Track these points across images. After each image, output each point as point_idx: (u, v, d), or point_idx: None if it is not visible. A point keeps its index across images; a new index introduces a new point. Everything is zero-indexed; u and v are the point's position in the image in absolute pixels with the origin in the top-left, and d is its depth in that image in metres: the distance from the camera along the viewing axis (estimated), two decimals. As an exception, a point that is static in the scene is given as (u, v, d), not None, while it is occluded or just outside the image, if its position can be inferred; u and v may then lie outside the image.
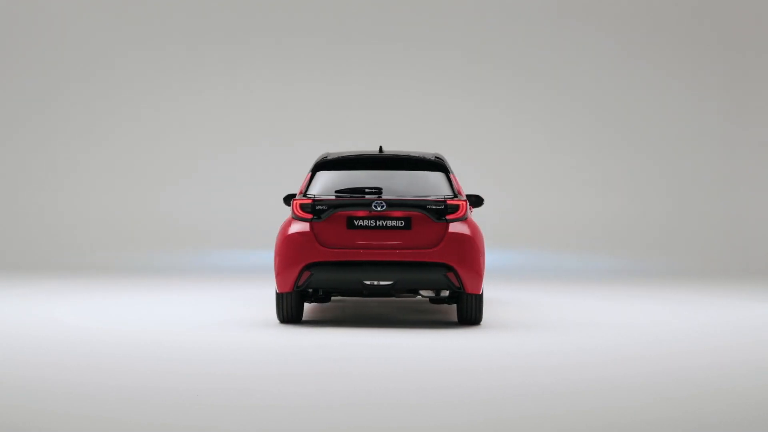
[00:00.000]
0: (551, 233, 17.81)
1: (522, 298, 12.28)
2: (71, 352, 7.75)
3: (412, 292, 9.41)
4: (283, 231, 9.34)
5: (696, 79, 19.23)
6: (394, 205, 9.11)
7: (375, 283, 9.11)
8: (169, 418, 5.47)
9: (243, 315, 10.26)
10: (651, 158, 19.18)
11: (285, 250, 9.17)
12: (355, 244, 9.14)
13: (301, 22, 18.76)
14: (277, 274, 9.23)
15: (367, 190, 9.27)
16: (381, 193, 9.25)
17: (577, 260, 16.88)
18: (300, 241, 9.14)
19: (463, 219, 9.20)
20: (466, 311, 9.27)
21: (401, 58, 18.87)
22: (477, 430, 5.24)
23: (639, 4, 19.21)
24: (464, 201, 9.25)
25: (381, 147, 10.02)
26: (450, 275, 8.98)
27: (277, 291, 9.29)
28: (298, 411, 5.66)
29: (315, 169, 9.66)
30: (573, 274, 15.80)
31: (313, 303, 10.07)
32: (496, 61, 19.04)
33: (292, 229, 9.23)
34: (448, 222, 9.11)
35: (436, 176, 9.50)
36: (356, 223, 9.15)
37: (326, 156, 9.93)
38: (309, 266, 9.08)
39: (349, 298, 11.76)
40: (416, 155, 9.75)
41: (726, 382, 6.67)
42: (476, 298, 9.22)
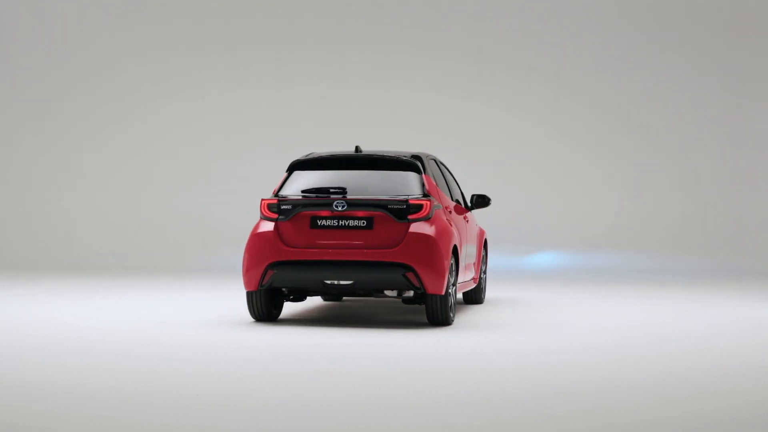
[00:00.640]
0: (552, 233, 17.81)
1: (523, 298, 12.28)
2: (71, 352, 7.75)
3: (378, 292, 9.35)
4: (252, 231, 9.44)
5: (706, 76, 19.20)
6: (355, 205, 9.11)
7: (335, 283, 9.11)
8: (169, 418, 5.47)
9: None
10: (649, 158, 19.17)
11: (250, 250, 9.28)
12: (316, 244, 9.15)
13: (301, 24, 18.75)
14: (243, 273, 9.35)
15: (331, 190, 9.25)
16: (345, 193, 9.20)
17: (578, 260, 16.88)
18: (264, 241, 9.23)
19: (426, 219, 9.08)
20: (432, 312, 9.21)
21: (403, 59, 18.86)
22: (477, 430, 5.24)
23: (646, 2, 19.19)
24: (428, 201, 9.12)
25: (357, 147, 9.90)
26: (409, 275, 8.94)
27: (245, 289, 9.42)
28: (298, 411, 5.66)
29: (290, 169, 9.71)
30: (574, 274, 15.79)
31: (292, 302, 10.02)
32: (506, 60, 19.02)
33: (258, 229, 9.35)
34: (410, 222, 9.05)
35: (408, 176, 9.40)
36: (319, 223, 9.18)
37: (308, 155, 9.90)
38: (272, 265, 9.15)
39: (349, 298, 11.76)
40: (389, 155, 9.64)
41: (726, 382, 6.67)
42: (441, 299, 9.12)
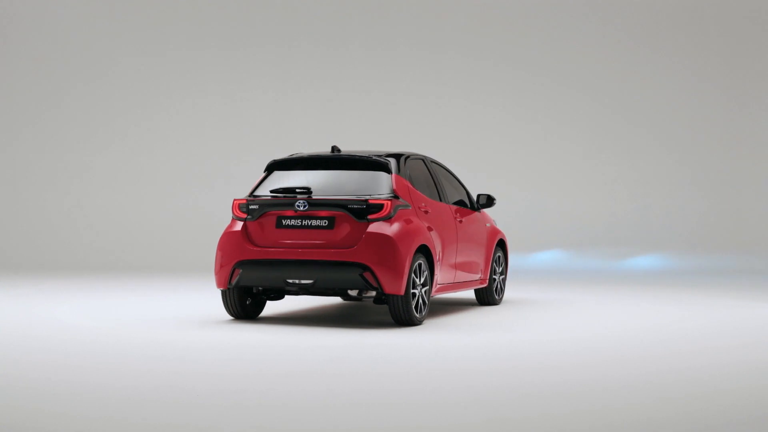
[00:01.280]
0: (554, 233, 17.81)
1: (523, 298, 12.28)
2: (71, 352, 7.75)
3: (341, 292, 9.39)
4: (224, 231, 9.65)
5: (709, 75, 19.22)
6: (316, 204, 9.22)
7: (297, 282, 9.20)
8: (169, 418, 5.47)
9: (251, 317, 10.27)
10: (651, 158, 19.19)
11: (220, 249, 9.49)
12: (281, 243, 9.29)
13: (301, 27, 18.76)
14: (215, 272, 9.55)
15: (297, 190, 9.35)
16: (310, 193, 9.31)
17: (579, 260, 16.88)
18: (232, 240, 9.45)
19: (386, 218, 9.12)
20: (394, 311, 9.25)
21: (402, 60, 18.87)
22: (477, 430, 5.24)
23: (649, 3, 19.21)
24: (389, 200, 9.16)
25: (333, 147, 9.97)
26: (366, 275, 8.99)
27: (217, 288, 9.64)
28: (298, 411, 5.66)
29: (268, 170, 9.87)
30: (574, 274, 15.79)
31: (272, 300, 10.14)
32: (505, 61, 19.04)
33: (228, 229, 9.56)
34: (369, 222, 9.09)
35: (377, 176, 9.46)
36: (284, 223, 9.32)
37: (289, 156, 10.04)
38: (239, 264, 9.36)
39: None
40: (360, 155, 9.70)
41: (726, 382, 6.67)
42: (402, 299, 9.13)
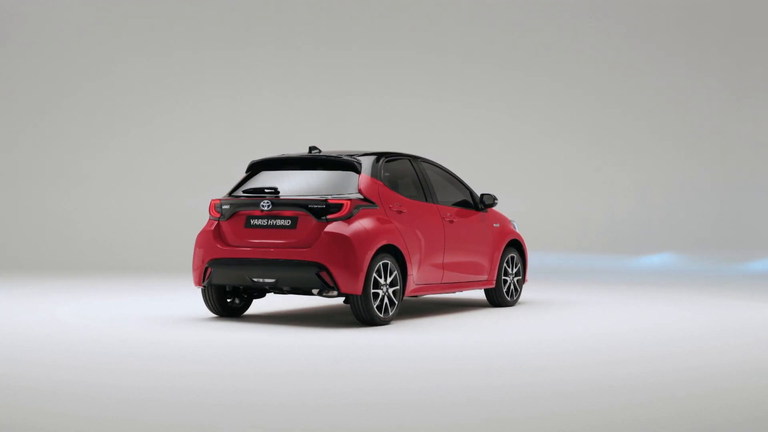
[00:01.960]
0: (555, 234, 17.81)
1: (523, 299, 12.28)
2: (71, 352, 7.75)
3: (305, 290, 9.48)
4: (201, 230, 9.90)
5: (711, 77, 19.22)
6: (279, 204, 9.37)
7: (261, 281, 9.36)
8: (169, 418, 5.47)
9: (243, 315, 10.27)
10: (651, 159, 19.19)
11: (195, 248, 9.81)
12: (247, 243, 9.48)
13: (301, 29, 18.76)
14: (192, 271, 9.80)
15: (266, 190, 9.52)
16: (277, 194, 9.46)
17: (579, 260, 16.88)
18: (205, 240, 9.72)
19: (345, 218, 9.19)
20: (355, 311, 9.32)
21: (401, 62, 18.87)
22: (477, 430, 5.24)
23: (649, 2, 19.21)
24: (348, 200, 9.25)
25: (311, 147, 10.11)
26: (323, 274, 9.08)
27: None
28: (298, 411, 5.66)
29: (249, 170, 10.06)
30: (575, 274, 15.79)
31: (256, 298, 10.34)
32: (505, 62, 19.04)
33: (204, 228, 9.83)
34: (328, 221, 9.18)
35: (346, 175, 9.57)
36: (252, 222, 9.51)
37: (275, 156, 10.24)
38: (210, 263, 9.59)
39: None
40: (331, 156, 9.81)
41: (726, 382, 6.67)
42: (361, 299, 9.18)
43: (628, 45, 19.20)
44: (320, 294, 9.34)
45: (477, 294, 12.56)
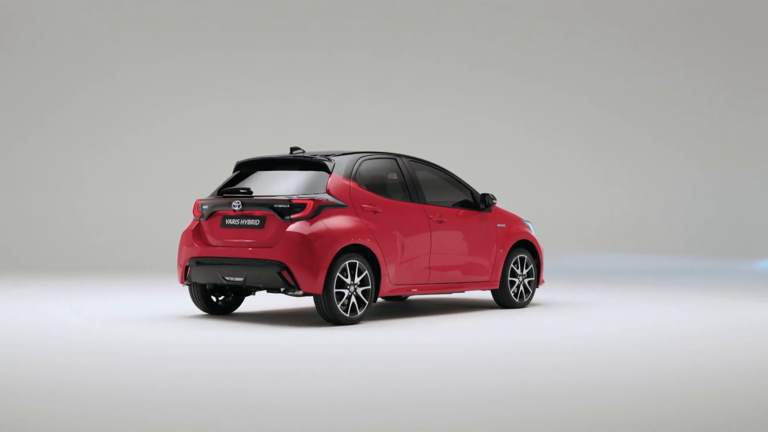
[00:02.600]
0: (556, 234, 17.82)
1: (537, 300, 12.26)
2: (71, 352, 7.75)
3: (273, 289, 9.59)
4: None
5: (710, 77, 19.23)
6: (248, 204, 9.53)
7: (231, 279, 9.53)
8: (169, 418, 5.47)
9: (243, 315, 10.28)
10: (650, 160, 19.19)
11: (179, 247, 10.03)
12: (221, 242, 9.67)
13: (301, 31, 18.76)
14: (177, 269, 9.99)
15: (242, 191, 9.70)
16: (251, 194, 9.62)
17: (580, 261, 16.88)
18: (186, 239, 9.97)
19: (308, 218, 9.27)
20: (319, 310, 9.39)
21: (401, 64, 18.87)
22: (477, 430, 5.24)
23: (648, 3, 19.21)
24: (311, 200, 9.33)
25: (292, 148, 10.22)
26: (284, 273, 9.18)
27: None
28: (298, 411, 5.66)
29: (235, 170, 10.24)
30: (575, 274, 15.78)
31: (246, 296, 10.51)
32: (503, 63, 19.05)
33: (186, 228, 10.08)
34: (291, 221, 9.27)
35: (318, 176, 9.64)
36: (227, 222, 9.69)
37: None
38: (190, 262, 9.84)
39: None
40: (304, 156, 9.91)
41: (726, 382, 6.67)
42: (324, 298, 9.25)
43: (629, 47, 19.20)
44: (285, 293, 9.46)
45: (485, 295, 12.54)
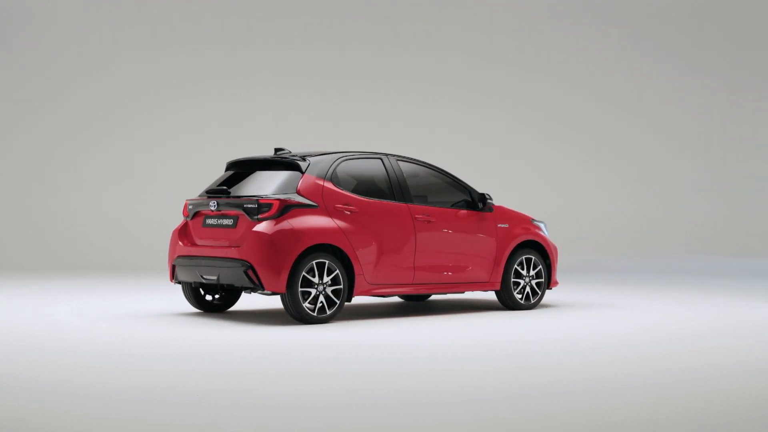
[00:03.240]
0: (556, 234, 17.83)
1: (547, 301, 12.26)
2: (71, 352, 7.75)
3: (245, 288, 9.71)
4: None
5: (708, 77, 19.23)
6: (222, 205, 9.71)
7: (208, 278, 9.70)
8: (169, 418, 5.47)
9: (242, 314, 10.28)
10: (649, 160, 19.19)
11: (169, 247, 10.24)
12: (201, 241, 9.87)
13: (301, 33, 18.76)
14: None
15: (228, 191, 9.83)
16: (228, 194, 9.78)
17: (579, 261, 16.87)
18: (173, 238, 10.19)
19: (274, 218, 9.37)
20: (285, 307, 9.48)
21: (400, 67, 18.87)
22: (477, 430, 5.24)
23: (645, 4, 19.21)
24: (278, 200, 9.42)
25: (276, 149, 10.31)
26: (249, 272, 9.30)
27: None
28: (297, 411, 5.66)
29: (226, 170, 10.38)
30: (574, 275, 15.78)
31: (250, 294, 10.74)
32: (502, 65, 19.05)
33: (176, 227, 10.26)
34: (259, 221, 9.38)
35: (292, 176, 9.73)
36: (207, 222, 9.88)
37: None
38: (175, 260, 10.08)
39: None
40: (280, 157, 10.01)
41: (726, 382, 6.67)
42: (288, 296, 9.33)
43: (629, 47, 19.20)
44: (253, 292, 9.58)
45: (490, 296, 12.50)
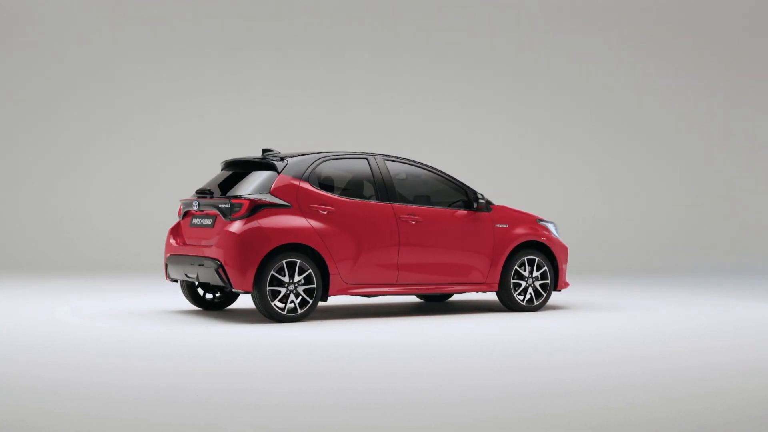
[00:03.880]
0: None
1: (557, 303, 12.26)
2: (71, 352, 7.75)
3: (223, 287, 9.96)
4: None
5: (705, 78, 19.22)
6: (203, 205, 9.92)
7: (190, 276, 9.93)
8: (169, 418, 5.47)
9: (243, 314, 10.28)
10: (648, 161, 19.18)
11: (165, 245, 10.53)
12: (187, 241, 10.10)
13: (301, 34, 18.76)
14: None
15: (205, 192, 10.01)
16: (212, 194, 9.94)
17: (579, 262, 16.87)
18: (167, 238, 10.45)
19: (244, 217, 9.50)
20: (256, 305, 9.60)
21: (399, 69, 18.87)
22: (477, 430, 5.24)
23: (642, 7, 19.21)
24: (248, 200, 9.55)
25: (263, 150, 10.38)
26: (219, 271, 9.47)
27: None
28: (297, 411, 5.66)
29: (222, 170, 10.53)
30: (574, 275, 15.78)
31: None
32: (500, 68, 19.05)
33: (171, 227, 10.53)
34: (232, 220, 9.53)
35: (269, 176, 9.84)
36: (193, 222, 10.07)
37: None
38: (167, 259, 10.36)
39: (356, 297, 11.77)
40: (259, 158, 10.12)
41: (726, 382, 6.67)
42: (257, 295, 9.45)
43: (628, 48, 19.20)
44: (224, 290, 9.70)
45: (492, 297, 12.49)
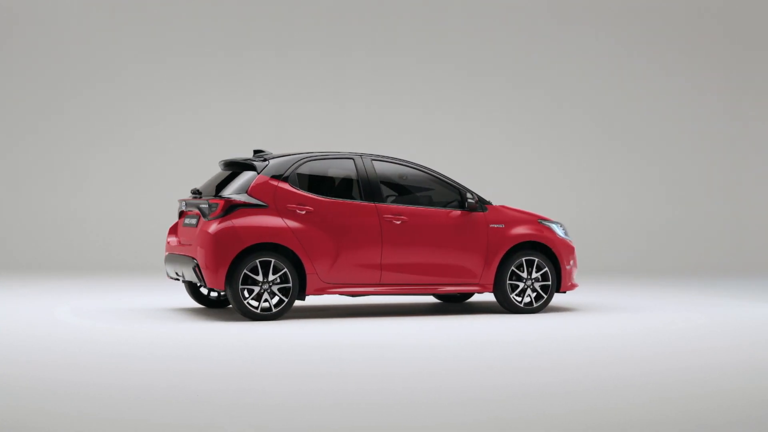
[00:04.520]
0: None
1: (559, 304, 12.25)
2: (71, 352, 7.75)
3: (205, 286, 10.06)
4: None
5: (704, 81, 19.22)
6: (189, 205, 10.19)
7: (179, 275, 10.17)
8: (169, 418, 5.47)
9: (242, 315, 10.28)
10: (646, 161, 19.18)
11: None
12: (178, 240, 10.33)
13: (302, 35, 18.76)
14: None
15: (194, 191, 10.24)
16: (200, 194, 10.16)
17: (579, 261, 16.88)
18: (166, 237, 10.68)
19: (220, 217, 9.68)
20: (231, 303, 9.83)
21: (400, 71, 18.86)
22: (477, 430, 5.24)
23: (640, 9, 19.21)
24: (222, 200, 9.72)
25: (255, 151, 10.51)
26: (196, 269, 9.69)
27: None
28: (297, 411, 5.66)
29: (221, 171, 10.70)
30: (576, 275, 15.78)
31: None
32: (499, 70, 19.05)
33: (170, 226, 10.80)
34: (210, 220, 9.72)
35: (250, 176, 9.99)
36: (185, 221, 10.35)
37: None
38: (165, 258, 10.61)
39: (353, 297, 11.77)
40: (242, 159, 10.27)
41: (726, 382, 6.67)
42: (228, 293, 9.60)
43: (628, 50, 19.20)
44: (201, 288, 9.99)
45: (492, 298, 12.48)
